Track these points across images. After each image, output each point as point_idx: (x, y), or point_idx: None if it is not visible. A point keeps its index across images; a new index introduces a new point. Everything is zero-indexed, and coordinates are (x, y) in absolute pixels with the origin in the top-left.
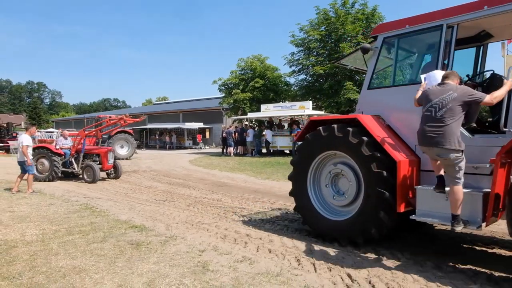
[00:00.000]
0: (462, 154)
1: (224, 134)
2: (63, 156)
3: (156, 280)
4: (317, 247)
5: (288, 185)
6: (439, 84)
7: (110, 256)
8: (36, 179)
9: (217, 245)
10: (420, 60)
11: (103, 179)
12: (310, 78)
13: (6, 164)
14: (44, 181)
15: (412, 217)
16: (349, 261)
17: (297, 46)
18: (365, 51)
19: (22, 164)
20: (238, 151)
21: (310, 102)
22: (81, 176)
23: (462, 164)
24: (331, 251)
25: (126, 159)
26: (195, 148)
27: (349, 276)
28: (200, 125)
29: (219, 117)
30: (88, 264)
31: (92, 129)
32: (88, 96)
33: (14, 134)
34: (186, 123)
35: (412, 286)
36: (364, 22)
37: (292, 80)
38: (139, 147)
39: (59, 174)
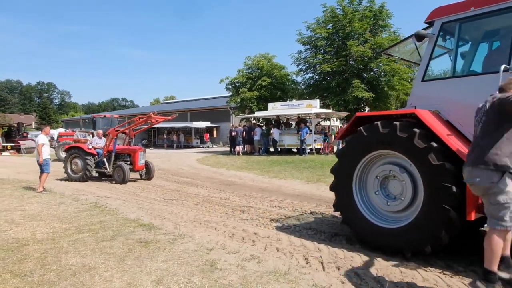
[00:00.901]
0: (504, 179)
1: (233, 133)
2: (96, 156)
3: (164, 278)
4: (325, 246)
5: (295, 184)
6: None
7: (119, 255)
8: (70, 179)
9: (225, 244)
10: (487, 47)
11: (134, 180)
12: (317, 76)
13: (17, 164)
14: (78, 181)
15: (484, 227)
16: (358, 260)
17: (304, 44)
18: (419, 38)
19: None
20: (245, 149)
21: (318, 100)
22: (112, 176)
23: (504, 197)
24: (340, 250)
25: None
26: (203, 147)
27: (358, 275)
28: (207, 124)
29: (227, 116)
30: (97, 262)
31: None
32: (96, 96)
33: (24, 134)
34: (194, 122)
35: (421, 285)
36: (372, 19)
37: (299, 78)
38: (147, 146)
39: (93, 174)
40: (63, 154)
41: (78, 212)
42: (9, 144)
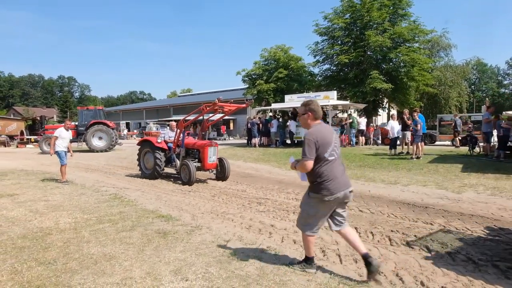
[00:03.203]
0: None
1: (248, 125)
2: (167, 151)
3: (182, 268)
4: (342, 239)
5: None
6: None
7: (139, 245)
8: (142, 176)
9: (242, 235)
10: None
11: (204, 181)
12: (334, 68)
13: (39, 156)
14: (149, 178)
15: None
16: (375, 253)
17: (321, 35)
18: None
19: (57, 155)
20: (262, 142)
21: (335, 92)
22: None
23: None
24: None
25: (103, 151)
26: (219, 139)
27: None
28: (224, 116)
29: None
30: (117, 252)
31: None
32: (115, 89)
33: (46, 127)
34: (210, 115)
35: (441, 280)
36: (391, 8)
37: (316, 70)
38: None
39: (162, 171)
40: (47, 148)
41: (98, 203)
42: (32, 137)
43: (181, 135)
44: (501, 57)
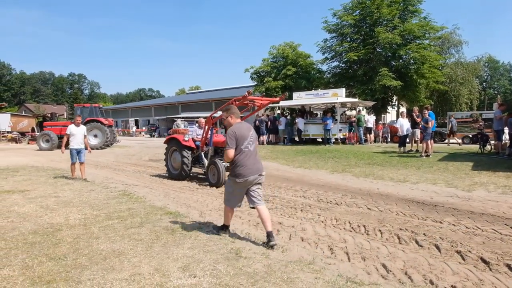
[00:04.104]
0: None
1: (257, 123)
2: (195, 150)
3: (191, 265)
4: (350, 237)
5: (320, 174)
6: None
7: (147, 241)
8: (170, 176)
9: (249, 232)
10: None
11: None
12: (343, 65)
13: (49, 153)
14: (176, 179)
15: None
16: (384, 251)
17: (330, 32)
18: None
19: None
20: (270, 139)
21: (344, 89)
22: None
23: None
24: (365, 241)
25: (97, 149)
26: None
27: (384, 266)
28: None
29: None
30: (126, 248)
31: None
32: (124, 86)
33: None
34: (219, 112)
35: (451, 279)
36: (401, 4)
37: (324, 67)
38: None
39: (190, 171)
40: (44, 145)
41: (107, 200)
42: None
43: (209, 132)
44: None
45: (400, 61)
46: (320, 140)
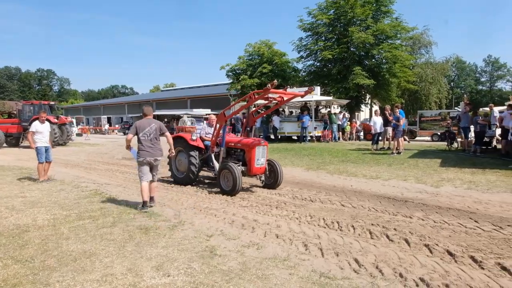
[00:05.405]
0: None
1: (232, 121)
2: (204, 151)
3: (164, 264)
4: (324, 233)
5: (295, 171)
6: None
7: (120, 241)
8: (174, 180)
9: (224, 230)
10: None
11: (248, 189)
12: (318, 64)
13: (16, 151)
14: (183, 184)
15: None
16: (356, 246)
17: (305, 31)
18: None
19: (36, 151)
20: None
21: (318, 87)
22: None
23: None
24: (339, 237)
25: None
26: None
27: (357, 261)
28: (207, 111)
29: (227, 103)
30: (98, 248)
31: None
32: (96, 83)
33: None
34: (194, 110)
35: (419, 272)
36: (374, 5)
37: (300, 65)
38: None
39: (198, 175)
40: None
41: (78, 199)
42: None
43: (221, 131)
44: (479, 55)
45: (373, 60)
46: (295, 138)
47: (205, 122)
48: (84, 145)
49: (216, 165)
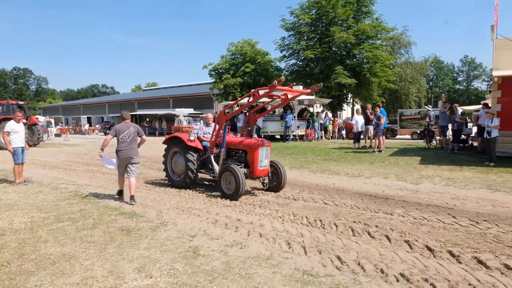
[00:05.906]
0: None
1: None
2: (202, 152)
3: (147, 265)
4: (307, 231)
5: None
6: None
7: (100, 243)
8: (171, 183)
9: (208, 230)
10: None
11: (250, 192)
12: (300, 63)
13: None
14: (179, 187)
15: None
16: (339, 243)
17: (288, 31)
18: None
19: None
20: None
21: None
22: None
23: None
24: (321, 235)
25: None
26: None
27: (339, 258)
28: (190, 110)
29: (210, 102)
30: (78, 251)
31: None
32: (75, 82)
33: None
34: (176, 109)
35: (399, 267)
36: (355, 5)
37: (282, 64)
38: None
39: (196, 178)
40: None
41: (57, 201)
42: None
43: (222, 131)
44: (456, 55)
45: (354, 60)
46: (278, 137)
47: (202, 121)
48: (63, 145)
49: (216, 167)
